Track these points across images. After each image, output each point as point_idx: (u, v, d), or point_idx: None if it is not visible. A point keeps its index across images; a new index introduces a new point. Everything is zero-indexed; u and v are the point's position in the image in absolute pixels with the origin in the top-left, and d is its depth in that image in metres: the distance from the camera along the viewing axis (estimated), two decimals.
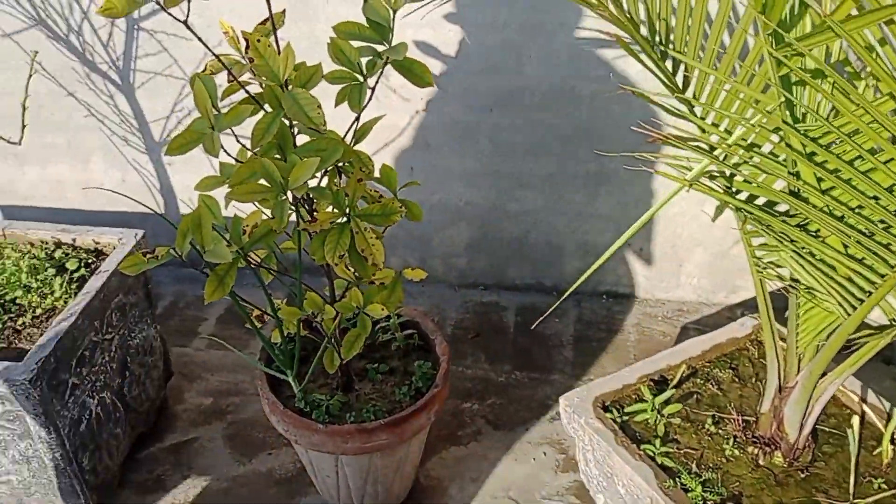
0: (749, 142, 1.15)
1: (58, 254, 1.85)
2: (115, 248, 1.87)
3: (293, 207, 1.39)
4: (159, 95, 2.25)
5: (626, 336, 2.26)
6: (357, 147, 1.54)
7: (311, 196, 1.49)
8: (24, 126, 1.68)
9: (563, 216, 2.28)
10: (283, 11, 1.53)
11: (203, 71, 1.49)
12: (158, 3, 1.27)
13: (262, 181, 1.33)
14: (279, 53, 1.33)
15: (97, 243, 1.90)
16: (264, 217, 1.46)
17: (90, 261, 1.86)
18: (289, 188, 1.31)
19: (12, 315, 1.70)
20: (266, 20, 1.51)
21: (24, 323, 1.68)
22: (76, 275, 1.78)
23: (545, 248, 2.35)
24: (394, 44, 1.38)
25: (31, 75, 1.63)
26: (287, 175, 1.32)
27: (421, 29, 2.02)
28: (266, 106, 1.37)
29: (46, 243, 1.89)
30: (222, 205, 1.36)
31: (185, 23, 1.27)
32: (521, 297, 2.42)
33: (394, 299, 1.56)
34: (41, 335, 1.63)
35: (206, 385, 2.15)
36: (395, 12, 1.37)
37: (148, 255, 1.33)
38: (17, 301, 1.71)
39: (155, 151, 2.36)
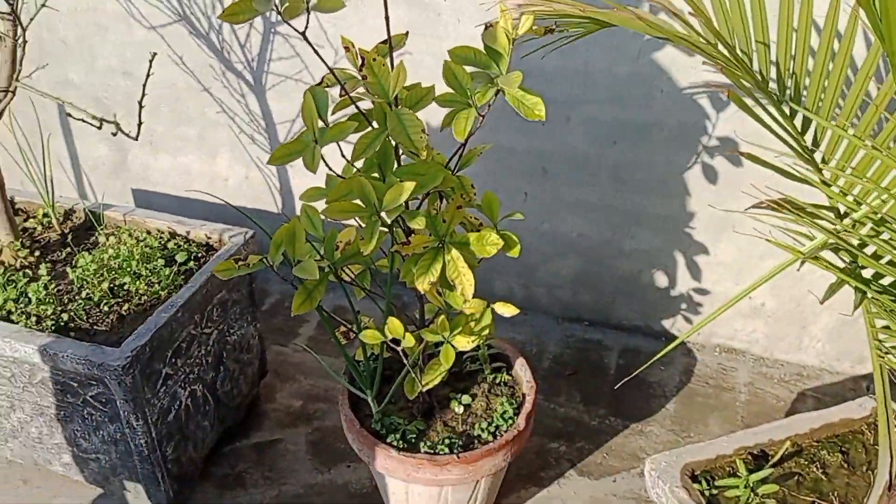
0: (881, 215, 1.02)
1: (171, 244, 1.91)
2: (224, 244, 1.92)
3: (388, 228, 1.36)
4: (288, 98, 2.29)
5: (735, 395, 2.10)
6: (466, 169, 1.51)
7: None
8: (139, 123, 1.74)
9: (679, 259, 2.15)
10: (406, 34, 1.51)
11: (320, 83, 1.50)
12: (278, 12, 1.27)
13: (358, 200, 1.31)
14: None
15: (209, 238, 1.95)
16: (358, 235, 1.45)
17: (199, 255, 1.91)
18: (382, 209, 1.29)
19: (119, 300, 1.76)
20: (386, 40, 1.50)
21: (128, 309, 1.74)
22: (184, 267, 1.83)
23: (657, 290, 2.22)
24: (512, 71, 1.33)
25: (148, 75, 1.69)
26: (382, 196, 1.30)
27: (550, 57, 1.95)
28: (374, 123, 1.36)
29: (162, 233, 1.96)
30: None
31: (303, 34, 1.26)
32: (625, 338, 2.30)
33: (482, 331, 1.50)
34: (142, 323, 1.68)
35: (297, 387, 2.17)
36: (513, 41, 1.32)
37: (240, 263, 1.33)
38: (126, 287, 1.77)
39: None
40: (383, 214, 1.29)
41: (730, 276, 2.11)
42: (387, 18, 1.38)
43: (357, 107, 1.40)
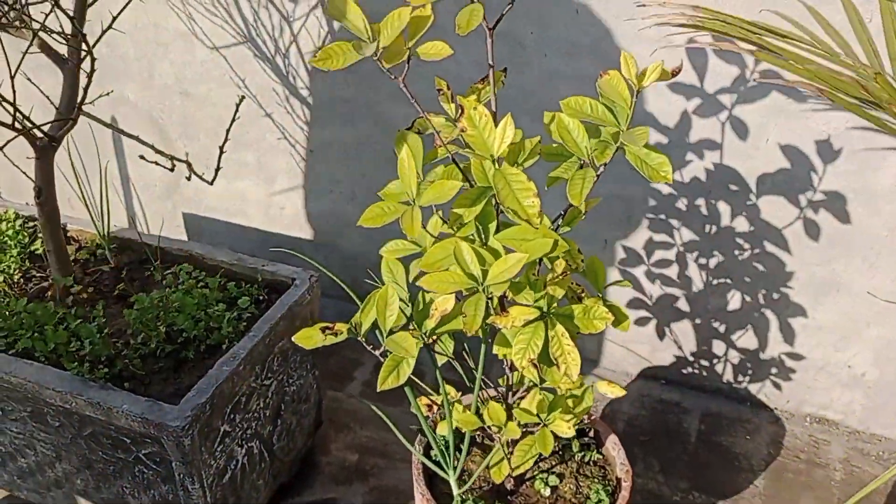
0: None
1: (231, 285, 1.78)
2: (288, 287, 1.78)
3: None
4: (352, 126, 2.16)
5: (829, 472, 1.92)
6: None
7: None
8: (217, 168, 1.62)
9: (772, 319, 1.98)
10: (504, 70, 1.37)
11: (409, 127, 1.36)
12: (378, 63, 1.14)
13: (457, 268, 1.16)
14: (495, 120, 1.16)
15: (273, 276, 1.82)
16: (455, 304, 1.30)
17: (261, 297, 1.78)
18: (487, 283, 1.14)
19: (176, 346, 1.64)
20: (484, 79, 1.36)
21: (186, 357, 1.62)
22: (246, 314, 1.70)
23: (745, 349, 2.06)
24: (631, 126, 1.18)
25: (234, 120, 1.56)
26: (487, 267, 1.15)
27: (656, 99, 1.80)
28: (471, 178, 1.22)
29: (221, 270, 1.84)
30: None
31: (403, 83, 1.13)
32: (706, 401, 2.13)
33: (581, 411, 1.36)
34: (200, 375, 1.55)
35: (353, 438, 2.03)
36: (638, 92, 1.17)
37: (327, 332, 1.19)
38: (184, 332, 1.64)
39: (340, 183, 2.29)
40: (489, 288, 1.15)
41: (830, 341, 1.94)
42: (491, 66, 1.25)
43: (456, 163, 1.26)
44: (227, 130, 1.60)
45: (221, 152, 1.60)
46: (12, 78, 1.49)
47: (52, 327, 1.61)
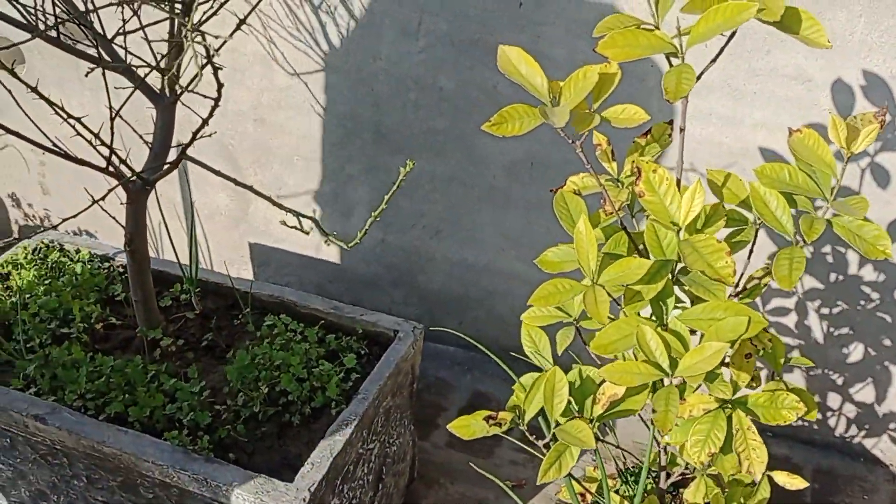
0: None
1: (329, 337, 1.65)
2: (390, 339, 1.66)
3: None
4: (442, 160, 2.03)
5: None
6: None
7: None
8: (364, 233, 1.48)
9: (895, 372, 1.85)
10: (671, 123, 1.24)
11: (561, 186, 1.23)
12: (556, 126, 1.01)
13: (639, 355, 1.03)
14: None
15: (373, 327, 1.69)
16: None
17: (362, 351, 1.65)
18: (678, 374, 1.01)
19: (278, 409, 1.51)
20: (648, 132, 1.23)
21: (290, 421, 1.49)
22: (353, 375, 1.57)
23: (862, 403, 1.92)
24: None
25: (398, 186, 1.44)
26: (674, 353, 1.02)
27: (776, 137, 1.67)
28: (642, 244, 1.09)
29: (318, 320, 1.71)
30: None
31: (581, 147, 1.00)
32: (818, 456, 2.00)
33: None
34: (308, 442, 1.42)
35: (444, 495, 1.90)
36: (848, 159, 1.04)
37: (491, 422, 1.06)
38: (288, 393, 1.51)
39: (424, 216, 2.16)
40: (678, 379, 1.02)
41: None
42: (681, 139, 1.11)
43: (628, 233, 1.13)
44: (386, 200, 1.47)
45: (373, 219, 1.45)
46: (112, 119, 1.36)
47: (144, 388, 1.48)
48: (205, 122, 1.36)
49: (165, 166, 1.48)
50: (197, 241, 1.78)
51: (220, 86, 1.32)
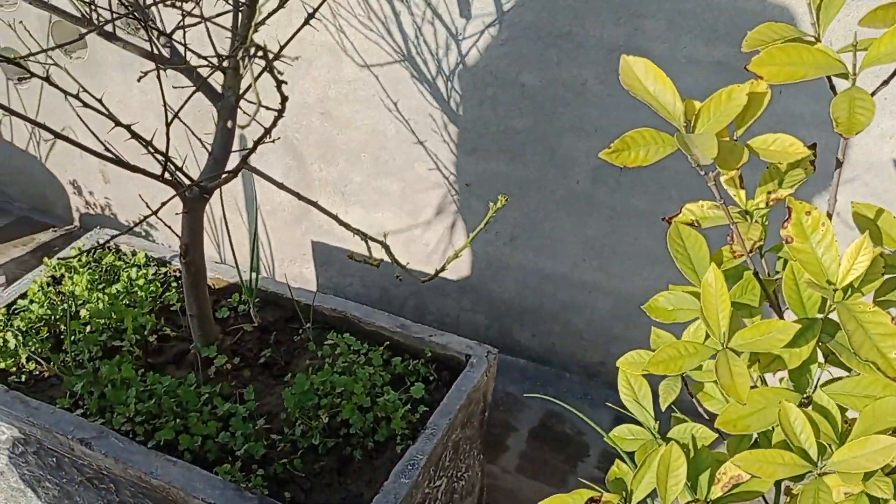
0: None
1: (395, 360, 1.51)
2: (460, 364, 1.51)
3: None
4: (521, 163, 1.86)
5: None
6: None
7: None
8: (441, 269, 1.34)
9: None
10: (813, 147, 1.05)
11: (676, 215, 1.06)
12: (694, 164, 0.83)
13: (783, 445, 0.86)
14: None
15: (443, 350, 1.54)
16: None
17: (431, 376, 1.51)
18: (828, 468, 0.84)
19: (338, 441, 1.38)
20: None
21: (352, 455, 1.36)
22: (420, 406, 1.43)
23: None
24: None
25: (489, 215, 1.28)
26: (822, 438, 0.85)
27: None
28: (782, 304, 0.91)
29: (383, 339, 1.57)
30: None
31: (714, 179, 0.83)
32: None
33: None
34: (370, 481, 1.29)
35: None
36: None
37: None
38: (349, 424, 1.39)
39: (498, 221, 2.00)
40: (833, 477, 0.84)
41: None
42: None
43: (760, 280, 0.95)
44: (470, 238, 1.32)
45: (453, 257, 1.30)
46: (168, 125, 1.23)
47: (196, 413, 1.37)
48: (267, 131, 1.22)
49: (224, 175, 1.35)
50: (259, 248, 1.65)
51: (283, 99, 1.17)
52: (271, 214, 2.32)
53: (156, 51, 1.31)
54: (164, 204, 1.23)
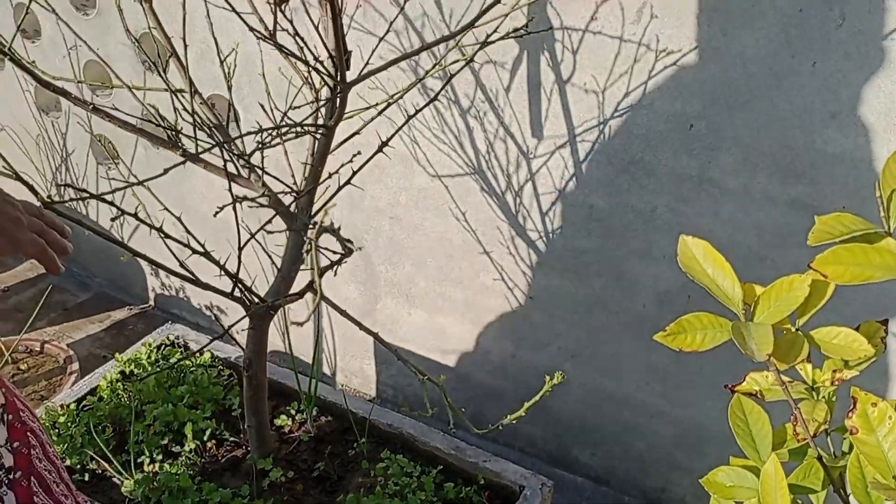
0: None
1: (447, 485, 1.49)
2: (514, 495, 1.48)
3: None
4: (583, 280, 1.85)
5: None
6: None
7: None
8: (495, 427, 1.34)
9: None
10: (886, 325, 1.01)
11: (739, 384, 1.02)
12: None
13: None
14: None
15: (497, 477, 1.52)
16: None
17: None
18: None
19: None
20: (856, 328, 1.00)
21: None
22: None
23: None
24: None
25: None
26: None
27: None
28: None
29: (437, 460, 1.55)
30: None
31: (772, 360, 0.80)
32: None
33: None
34: None
35: None
36: None
37: None
38: None
39: (561, 337, 1.98)
40: None
41: None
42: None
43: (824, 465, 0.91)
44: (527, 406, 1.32)
45: (513, 417, 1.30)
46: (240, 249, 1.27)
47: None
48: (334, 263, 1.25)
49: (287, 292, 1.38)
50: (322, 344, 1.67)
51: (348, 251, 1.21)
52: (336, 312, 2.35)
53: (232, 169, 1.37)
54: (235, 323, 1.26)
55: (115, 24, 2.27)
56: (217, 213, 1.15)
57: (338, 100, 1.22)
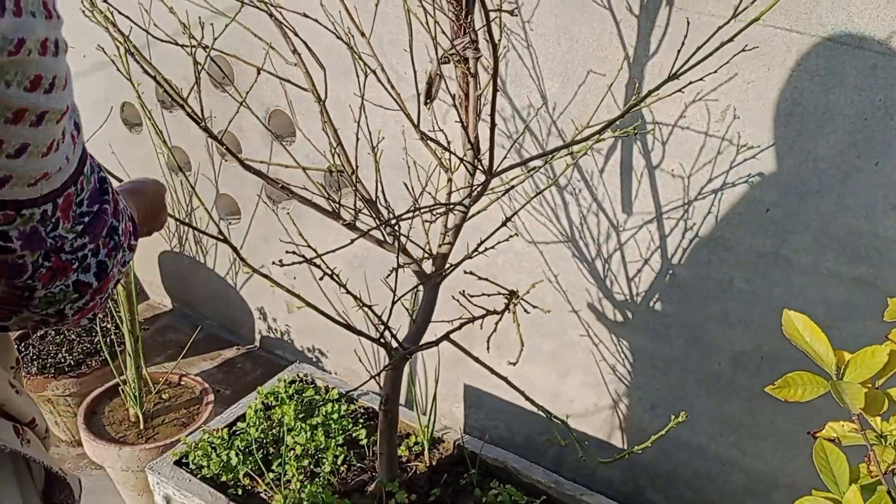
0: None
1: None
2: None
3: None
4: (667, 342, 2.09)
5: None
6: None
7: None
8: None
9: None
10: None
11: (820, 430, 1.25)
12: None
13: None
14: None
15: None
16: None
17: None
18: None
19: None
20: None
21: None
22: None
23: None
24: None
25: None
26: None
27: None
28: None
29: (539, 492, 1.79)
30: None
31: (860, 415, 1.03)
32: None
33: None
34: None
35: None
36: None
37: None
38: None
39: (640, 389, 2.21)
40: None
41: None
42: None
43: (894, 501, 1.13)
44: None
45: (623, 455, 1.54)
46: (392, 303, 1.55)
47: None
48: (458, 328, 1.52)
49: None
50: (437, 402, 1.93)
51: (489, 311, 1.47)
52: (430, 356, 2.62)
53: (378, 235, 1.66)
54: (382, 370, 1.53)
55: (250, 100, 2.61)
56: (388, 275, 1.43)
57: (480, 186, 1.50)
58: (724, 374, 2.03)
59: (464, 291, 1.66)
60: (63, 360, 2.35)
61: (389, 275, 1.58)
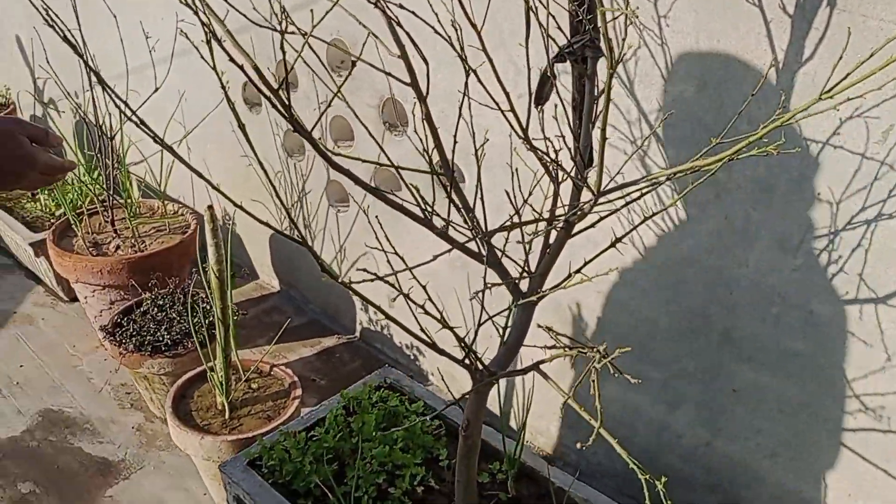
0: None
1: None
2: None
3: None
4: (799, 388, 1.84)
5: None
6: None
7: None
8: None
9: None
10: None
11: None
12: None
13: None
14: None
15: None
16: None
17: None
18: None
19: None
20: None
21: None
22: None
23: None
24: None
25: None
26: None
27: None
28: None
29: None
30: None
31: None
32: None
33: None
34: None
35: None
36: None
37: None
38: None
39: (761, 434, 1.97)
40: None
41: None
42: None
43: None
44: None
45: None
46: (478, 326, 1.41)
47: None
48: (549, 359, 1.36)
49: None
50: (528, 424, 1.78)
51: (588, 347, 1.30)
52: (531, 375, 2.46)
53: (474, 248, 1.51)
54: (465, 395, 1.40)
55: (363, 86, 2.53)
56: (475, 295, 1.28)
57: (586, 204, 1.32)
58: (859, 427, 1.76)
59: (550, 328, 1.49)
60: (161, 339, 2.35)
61: (479, 293, 1.44)
